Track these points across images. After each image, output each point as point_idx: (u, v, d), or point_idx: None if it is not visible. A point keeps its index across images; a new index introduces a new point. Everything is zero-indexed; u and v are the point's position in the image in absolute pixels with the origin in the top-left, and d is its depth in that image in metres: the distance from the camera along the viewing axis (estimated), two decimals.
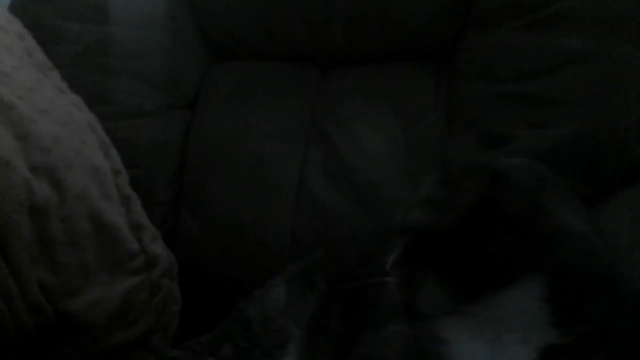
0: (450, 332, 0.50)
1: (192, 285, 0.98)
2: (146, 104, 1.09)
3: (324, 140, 1.05)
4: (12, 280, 0.69)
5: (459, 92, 1.02)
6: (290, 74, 1.13)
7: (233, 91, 1.13)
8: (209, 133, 1.11)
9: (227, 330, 0.79)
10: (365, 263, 0.67)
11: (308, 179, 1.03)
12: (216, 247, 1.05)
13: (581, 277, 0.46)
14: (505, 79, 0.94)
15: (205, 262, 1.06)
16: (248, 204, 1.04)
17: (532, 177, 0.53)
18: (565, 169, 0.85)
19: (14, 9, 1.05)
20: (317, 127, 1.07)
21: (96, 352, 0.84)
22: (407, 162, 1.01)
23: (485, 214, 0.48)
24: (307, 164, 1.04)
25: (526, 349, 0.46)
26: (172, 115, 1.13)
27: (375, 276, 0.61)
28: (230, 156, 1.07)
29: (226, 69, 1.18)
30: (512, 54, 0.94)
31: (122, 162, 0.96)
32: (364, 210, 0.97)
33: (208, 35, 1.18)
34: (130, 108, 1.08)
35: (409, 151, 1.01)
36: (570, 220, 0.50)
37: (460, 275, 0.49)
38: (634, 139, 0.82)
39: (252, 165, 1.05)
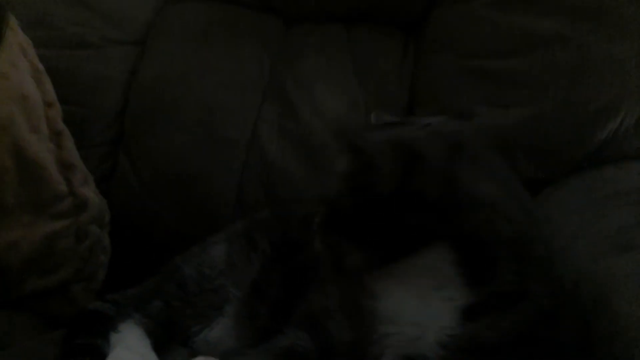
0: (379, 286, 0.53)
1: (124, 235, 0.92)
2: (89, 35, 1.00)
3: (281, 96, 1.00)
4: None
5: (424, 64, 1.00)
6: (252, 22, 1.06)
7: (187, 33, 1.05)
8: (157, 75, 1.03)
9: (159, 286, 0.74)
10: (307, 227, 0.65)
11: (260, 135, 0.98)
12: (155, 197, 0.98)
13: (488, 242, 0.49)
14: (472, 55, 0.92)
15: (140, 212, 0.99)
16: (193, 154, 0.97)
17: (446, 149, 0.52)
18: (521, 151, 0.86)
19: None
20: (275, 82, 1.01)
21: (12, 299, 0.77)
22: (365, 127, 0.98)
23: (403, 191, 0.50)
24: (261, 119, 0.99)
25: (449, 306, 0.50)
26: (118, 51, 1.04)
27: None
28: (179, 102, 1.00)
29: (182, 7, 1.09)
30: (481, 31, 0.92)
31: (57, 96, 0.88)
32: (314, 172, 0.94)
33: None
34: (71, 37, 0.99)
35: (367, 117, 0.98)
36: (483, 189, 0.51)
37: (379, 243, 0.51)
38: (591, 128, 0.82)
39: (201, 114, 0.99)
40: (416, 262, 0.50)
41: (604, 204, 0.72)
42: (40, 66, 0.86)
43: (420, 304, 0.51)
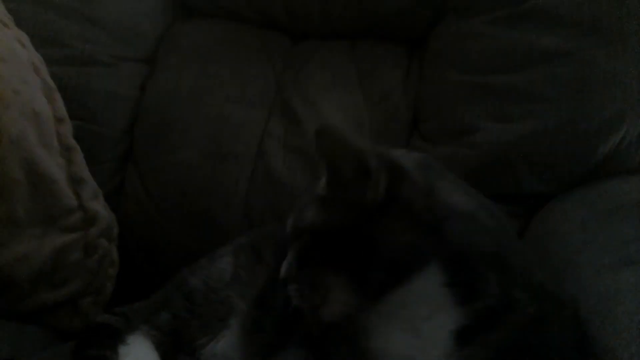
0: (369, 324, 0.52)
1: (132, 249, 0.93)
2: (100, 53, 1.02)
3: (287, 112, 1.01)
4: None
5: (428, 79, 1.01)
6: (259, 39, 1.08)
7: (196, 50, 1.07)
8: (166, 92, 1.05)
9: (166, 298, 0.75)
10: None
11: (267, 150, 0.99)
12: (162, 212, 0.99)
13: (471, 258, 0.49)
14: (476, 70, 0.93)
15: (149, 226, 1.00)
16: (201, 169, 0.98)
17: (418, 167, 0.53)
18: (524, 165, 0.87)
19: None
20: (282, 97, 1.03)
21: (21, 312, 0.78)
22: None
23: (383, 209, 0.49)
24: (268, 134, 1.00)
25: (441, 334, 0.49)
26: (128, 68, 1.05)
27: None
28: (187, 118, 1.01)
29: (191, 25, 1.11)
30: (485, 46, 0.93)
31: (68, 112, 0.89)
32: None
33: None
34: (82, 54, 1.00)
35: (372, 133, 0.99)
36: (457, 199, 0.52)
37: (360, 273, 0.51)
38: (594, 142, 0.83)
39: (209, 130, 1.00)
40: (403, 295, 0.49)
41: (607, 218, 0.72)
42: (52, 83, 0.87)
43: (412, 338, 0.50)
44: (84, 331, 0.72)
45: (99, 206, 0.86)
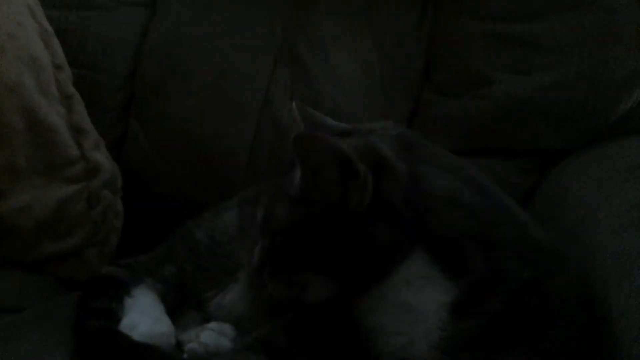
0: (360, 304, 0.52)
1: (136, 200, 0.92)
2: None
3: (294, 60, 0.97)
4: None
5: (443, 27, 0.96)
6: None
7: None
8: (168, 37, 1.00)
9: (171, 250, 0.74)
10: None
11: (273, 100, 0.96)
12: (166, 162, 0.97)
13: (454, 241, 0.49)
14: (494, 18, 0.89)
15: (152, 177, 0.98)
16: (205, 118, 0.96)
17: (401, 151, 0.51)
18: (541, 119, 0.84)
19: None
20: (288, 44, 0.98)
21: (26, 262, 0.78)
22: (380, 93, 0.95)
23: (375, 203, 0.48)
24: (274, 83, 0.96)
25: (435, 306, 0.49)
26: (127, 12, 1.01)
27: None
28: (190, 65, 0.98)
29: None
30: None
31: (67, 59, 0.86)
32: None
33: None
34: None
35: (383, 83, 0.96)
36: (440, 184, 0.50)
37: (341, 274, 0.50)
38: (616, 96, 0.80)
39: (212, 78, 0.97)
40: (394, 280, 0.49)
41: (625, 177, 0.70)
42: (49, 27, 0.84)
43: (405, 313, 0.50)
44: (89, 282, 0.72)
45: (101, 157, 0.85)
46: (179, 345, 0.65)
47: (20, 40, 0.76)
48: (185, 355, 0.63)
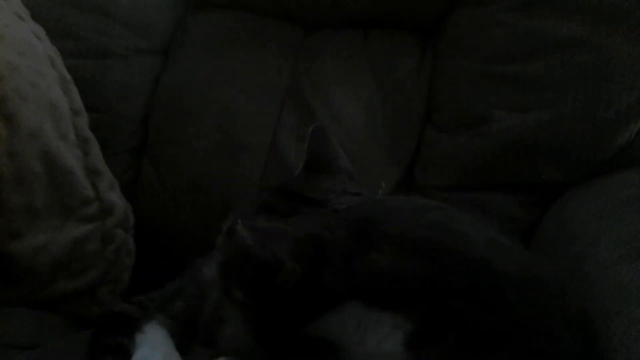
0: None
1: (148, 239, 0.94)
2: (114, 45, 1.02)
3: (300, 103, 1.01)
4: None
5: (442, 68, 1.00)
6: (272, 30, 1.08)
7: (209, 41, 1.07)
8: (180, 83, 1.05)
9: (180, 287, 0.76)
10: None
11: (280, 141, 0.99)
12: (177, 202, 1.01)
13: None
14: (491, 59, 0.92)
15: (163, 217, 1.01)
16: (215, 160, 0.99)
17: (350, 237, 0.50)
18: (538, 155, 0.86)
19: None
20: (294, 88, 1.03)
21: (41, 300, 0.80)
22: (384, 134, 0.98)
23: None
24: (281, 125, 1.00)
25: (395, 337, 0.48)
26: (141, 60, 1.06)
27: None
28: (201, 109, 1.02)
29: (204, 17, 1.11)
30: (499, 34, 0.91)
31: (84, 104, 0.90)
32: None
33: None
34: (97, 47, 1.01)
35: (386, 123, 0.99)
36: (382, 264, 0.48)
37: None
38: (612, 131, 0.81)
39: (222, 121, 1.01)
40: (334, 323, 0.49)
41: (624, 209, 0.71)
42: (68, 75, 0.89)
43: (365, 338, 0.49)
44: (102, 320, 0.73)
45: (115, 197, 0.87)
46: None
47: (41, 88, 0.80)
48: None
